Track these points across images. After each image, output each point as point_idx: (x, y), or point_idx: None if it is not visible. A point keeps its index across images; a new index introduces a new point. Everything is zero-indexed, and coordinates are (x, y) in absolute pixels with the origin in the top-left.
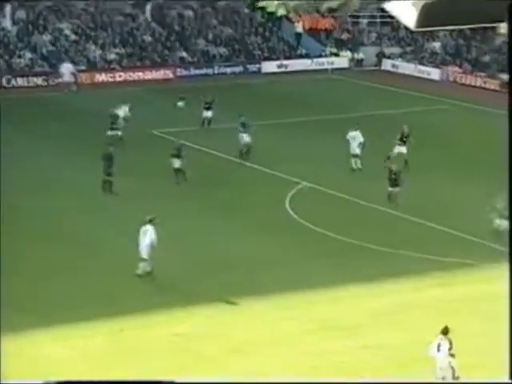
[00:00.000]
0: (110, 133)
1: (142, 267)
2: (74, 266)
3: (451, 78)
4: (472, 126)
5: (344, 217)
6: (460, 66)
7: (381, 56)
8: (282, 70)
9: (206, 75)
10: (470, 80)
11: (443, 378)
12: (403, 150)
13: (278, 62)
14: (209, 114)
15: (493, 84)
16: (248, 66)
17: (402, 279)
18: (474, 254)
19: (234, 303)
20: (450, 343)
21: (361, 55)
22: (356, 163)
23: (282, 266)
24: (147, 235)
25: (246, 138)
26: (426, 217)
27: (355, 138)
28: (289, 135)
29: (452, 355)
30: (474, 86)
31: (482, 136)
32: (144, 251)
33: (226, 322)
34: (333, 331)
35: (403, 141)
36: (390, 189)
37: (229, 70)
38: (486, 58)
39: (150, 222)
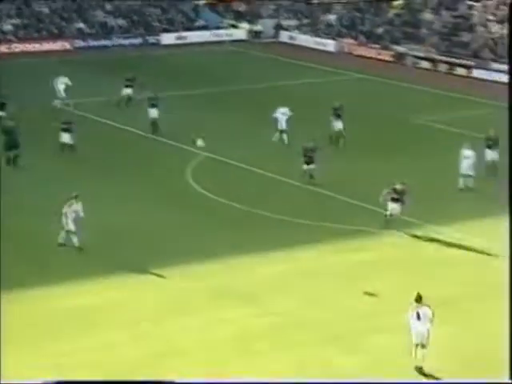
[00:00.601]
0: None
1: (74, 240)
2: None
3: (346, 50)
4: (367, 96)
5: (246, 188)
6: (355, 38)
7: (278, 28)
8: (181, 41)
9: (105, 47)
10: (364, 51)
11: (417, 345)
12: (340, 125)
13: (176, 34)
14: (128, 91)
15: (386, 55)
16: (147, 38)
17: (302, 247)
18: (374, 222)
19: (152, 273)
20: (431, 310)
21: (259, 27)
22: (285, 138)
23: (186, 236)
24: (73, 209)
25: (153, 112)
26: (327, 187)
27: (284, 113)
28: (189, 107)
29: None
30: (369, 58)
31: (379, 106)
32: (71, 225)
33: (133, 293)
34: (233, 299)
35: (338, 115)
36: (306, 167)
37: (127, 41)
38: (380, 30)
39: (76, 197)
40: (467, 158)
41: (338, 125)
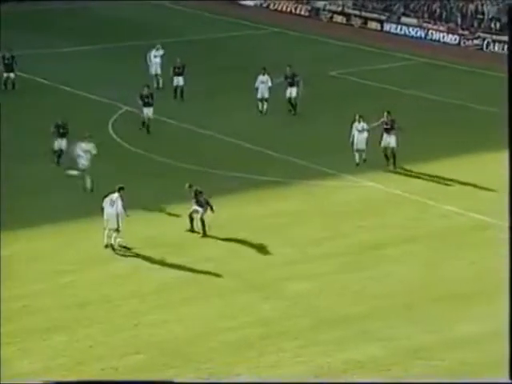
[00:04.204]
0: None
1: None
2: None
3: (264, 4)
4: (285, 50)
5: (165, 140)
6: None
7: None
8: None
9: None
10: (281, 6)
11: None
12: (293, 92)
13: None
14: None
15: (302, 9)
16: None
17: (225, 197)
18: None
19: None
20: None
21: None
22: (264, 106)
23: (108, 187)
24: (114, 205)
25: None
26: (240, 137)
27: (265, 81)
28: (110, 60)
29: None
30: (289, 12)
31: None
32: (113, 221)
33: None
34: (159, 248)
35: (290, 83)
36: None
37: None
38: None
39: (119, 190)
40: (361, 131)
41: (292, 92)
